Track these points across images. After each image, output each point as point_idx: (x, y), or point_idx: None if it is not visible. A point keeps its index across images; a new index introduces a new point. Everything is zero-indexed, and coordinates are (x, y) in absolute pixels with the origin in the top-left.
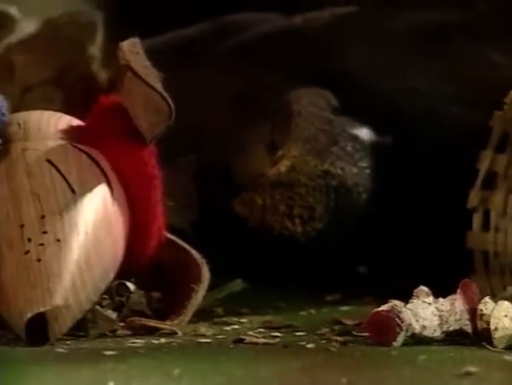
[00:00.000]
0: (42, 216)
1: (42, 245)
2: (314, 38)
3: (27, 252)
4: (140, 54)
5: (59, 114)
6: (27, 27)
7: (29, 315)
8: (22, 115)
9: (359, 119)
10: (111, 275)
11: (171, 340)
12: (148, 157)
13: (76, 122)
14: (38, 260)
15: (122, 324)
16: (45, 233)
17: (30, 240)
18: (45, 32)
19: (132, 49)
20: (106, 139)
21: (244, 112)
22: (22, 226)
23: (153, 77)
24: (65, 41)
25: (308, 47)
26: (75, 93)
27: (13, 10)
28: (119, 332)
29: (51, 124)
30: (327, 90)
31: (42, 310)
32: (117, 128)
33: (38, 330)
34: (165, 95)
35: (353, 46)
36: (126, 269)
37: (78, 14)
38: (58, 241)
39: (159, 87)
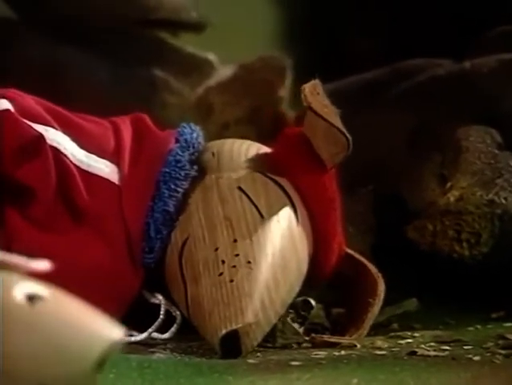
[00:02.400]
0: (235, 240)
1: (234, 267)
2: (482, 82)
3: (221, 273)
4: (320, 94)
5: (249, 142)
6: (225, 71)
7: (223, 332)
8: (216, 145)
9: None
10: (297, 290)
11: (350, 352)
12: (328, 182)
13: (264, 149)
14: (231, 281)
15: (306, 338)
16: (237, 255)
17: (223, 262)
18: (241, 75)
19: (312, 91)
20: (291, 166)
21: (417, 148)
22: (216, 249)
23: (332, 114)
24: (258, 83)
25: (476, 89)
26: (266, 130)
27: (211, 56)
28: (304, 344)
29: (242, 153)
30: (493, 128)
31: (235, 327)
32: (301, 156)
33: (231, 345)
34: (343, 129)
35: None
36: (309, 282)
37: (270, 59)
38: (249, 263)
39: (337, 122)
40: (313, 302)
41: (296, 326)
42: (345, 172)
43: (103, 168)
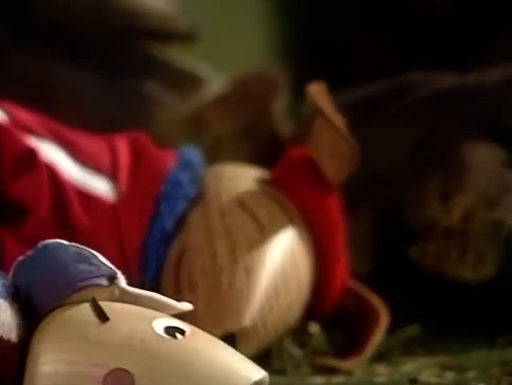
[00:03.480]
0: (234, 250)
1: (232, 273)
2: (487, 95)
3: (219, 279)
4: (325, 97)
5: (251, 167)
6: (218, 85)
7: (219, 334)
8: (217, 168)
9: None
10: (297, 312)
11: (349, 379)
12: (332, 203)
13: (265, 174)
14: (229, 286)
15: (305, 361)
16: (236, 263)
17: (221, 268)
18: (234, 89)
19: (320, 92)
20: (294, 186)
21: (419, 164)
22: (214, 257)
23: (340, 120)
24: (253, 98)
25: (480, 104)
26: (260, 146)
27: (203, 68)
28: (301, 369)
29: (243, 174)
30: (499, 144)
31: (231, 329)
32: (305, 176)
33: None
34: (350, 139)
35: None
36: (311, 313)
37: (265, 73)
38: (248, 270)
39: (345, 130)
40: (314, 327)
41: (296, 350)
42: (343, 189)
43: (99, 185)
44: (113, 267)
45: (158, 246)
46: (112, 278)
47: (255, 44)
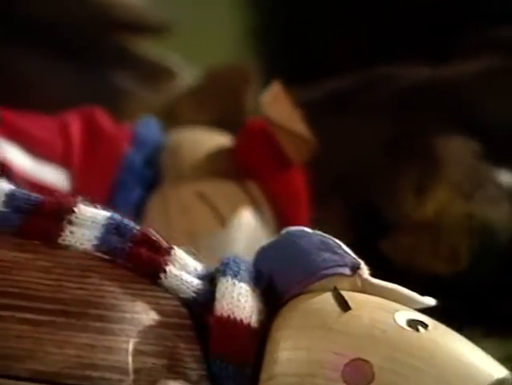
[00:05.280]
0: (195, 252)
1: None
2: (462, 89)
3: None
4: (281, 99)
5: (211, 137)
6: (190, 78)
7: None
8: (174, 143)
9: (503, 165)
10: None
11: None
12: (295, 177)
13: (227, 145)
14: None
15: None
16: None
17: None
18: (207, 83)
19: (271, 99)
20: (253, 162)
21: (392, 158)
22: None
23: (293, 120)
24: (225, 91)
25: (456, 97)
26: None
27: (176, 61)
28: None
29: (202, 154)
30: (473, 137)
31: None
32: (264, 150)
33: None
34: (305, 134)
35: (497, 96)
36: None
37: (238, 66)
38: None
39: (299, 128)
40: None
41: None
42: (316, 185)
43: (52, 176)
44: (356, 257)
45: None
46: (356, 268)
47: (228, 37)
